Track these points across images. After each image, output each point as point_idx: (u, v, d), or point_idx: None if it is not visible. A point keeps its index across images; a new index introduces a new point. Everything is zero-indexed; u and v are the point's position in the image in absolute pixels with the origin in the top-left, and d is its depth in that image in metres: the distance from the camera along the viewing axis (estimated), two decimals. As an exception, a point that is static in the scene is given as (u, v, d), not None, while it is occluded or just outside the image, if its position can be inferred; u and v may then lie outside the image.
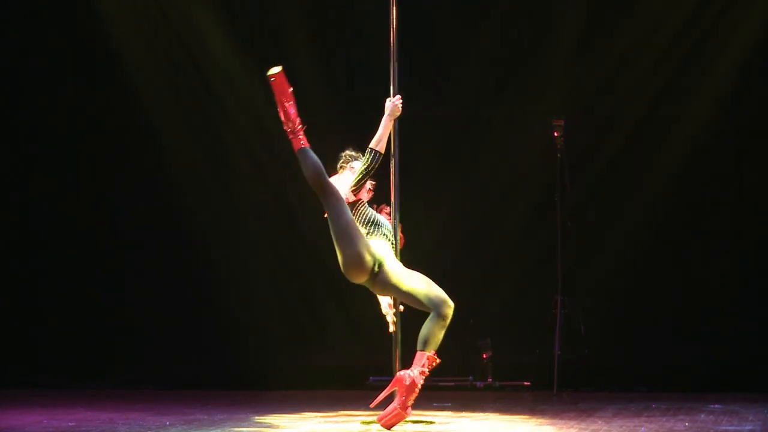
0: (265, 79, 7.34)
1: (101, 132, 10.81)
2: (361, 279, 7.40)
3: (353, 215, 7.40)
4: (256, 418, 8.08)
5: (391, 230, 7.55)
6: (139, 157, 10.80)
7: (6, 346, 10.67)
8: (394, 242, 7.52)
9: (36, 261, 10.87)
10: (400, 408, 7.20)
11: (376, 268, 7.34)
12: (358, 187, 7.48)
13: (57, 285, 10.78)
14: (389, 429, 7.21)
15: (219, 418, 8.02)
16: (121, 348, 10.65)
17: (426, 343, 7.27)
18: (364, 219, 7.48)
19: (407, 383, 7.22)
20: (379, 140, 7.52)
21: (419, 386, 7.23)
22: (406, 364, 7.57)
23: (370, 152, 7.48)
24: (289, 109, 7.34)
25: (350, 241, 7.28)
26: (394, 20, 7.81)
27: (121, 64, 10.71)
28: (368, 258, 7.30)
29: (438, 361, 7.30)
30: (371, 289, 7.50)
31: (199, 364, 10.52)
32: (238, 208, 10.75)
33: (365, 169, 7.46)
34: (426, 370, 7.27)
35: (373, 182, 7.59)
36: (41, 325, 10.76)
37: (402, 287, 7.35)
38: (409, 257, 7.59)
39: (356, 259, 7.29)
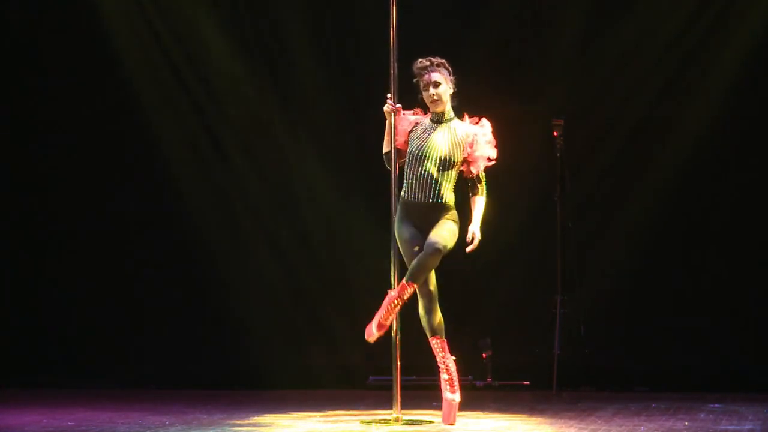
0: None
1: (102, 132, 10.81)
2: None
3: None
4: (256, 417, 8.08)
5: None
6: (139, 156, 10.80)
7: (6, 345, 10.67)
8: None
9: (36, 260, 10.87)
10: None
11: None
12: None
13: (57, 284, 10.78)
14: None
15: (219, 417, 8.02)
16: (121, 348, 10.65)
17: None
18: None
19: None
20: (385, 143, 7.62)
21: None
22: (406, 363, 7.63)
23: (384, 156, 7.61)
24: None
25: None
26: (394, 20, 7.81)
27: (122, 66, 10.72)
28: None
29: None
30: None
31: (199, 364, 10.52)
32: (238, 208, 10.75)
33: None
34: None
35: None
36: (41, 325, 10.76)
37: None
38: (408, 257, 7.58)
39: None
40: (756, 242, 10.10)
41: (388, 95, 7.61)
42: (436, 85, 7.50)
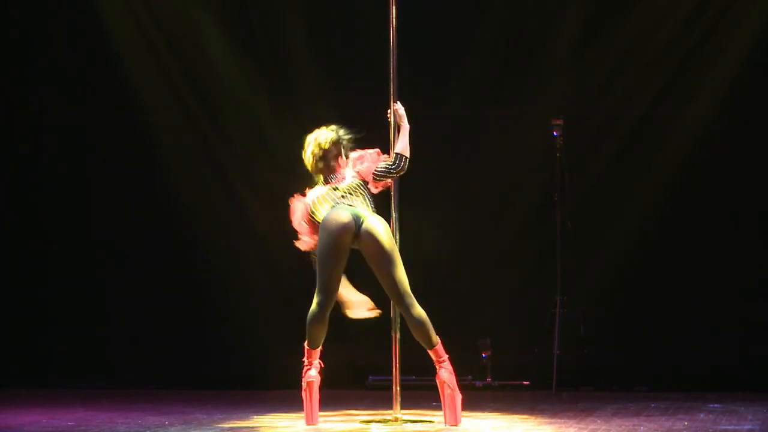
0: None
1: (105, 133, 10.82)
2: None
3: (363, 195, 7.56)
4: (256, 417, 8.08)
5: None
6: (140, 158, 10.80)
7: (6, 345, 10.67)
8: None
9: (37, 260, 10.87)
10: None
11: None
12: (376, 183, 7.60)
13: (57, 285, 10.79)
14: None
15: (218, 417, 8.02)
16: (121, 348, 10.65)
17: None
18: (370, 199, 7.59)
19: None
20: (405, 146, 7.60)
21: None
22: (406, 363, 7.63)
23: (399, 157, 7.55)
24: None
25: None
26: (394, 20, 7.81)
27: (123, 66, 10.73)
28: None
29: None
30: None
31: (199, 364, 10.52)
32: (238, 208, 10.75)
33: (391, 171, 7.56)
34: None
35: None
36: (41, 325, 10.76)
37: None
38: (409, 257, 7.59)
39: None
40: (755, 242, 10.10)
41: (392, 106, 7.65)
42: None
